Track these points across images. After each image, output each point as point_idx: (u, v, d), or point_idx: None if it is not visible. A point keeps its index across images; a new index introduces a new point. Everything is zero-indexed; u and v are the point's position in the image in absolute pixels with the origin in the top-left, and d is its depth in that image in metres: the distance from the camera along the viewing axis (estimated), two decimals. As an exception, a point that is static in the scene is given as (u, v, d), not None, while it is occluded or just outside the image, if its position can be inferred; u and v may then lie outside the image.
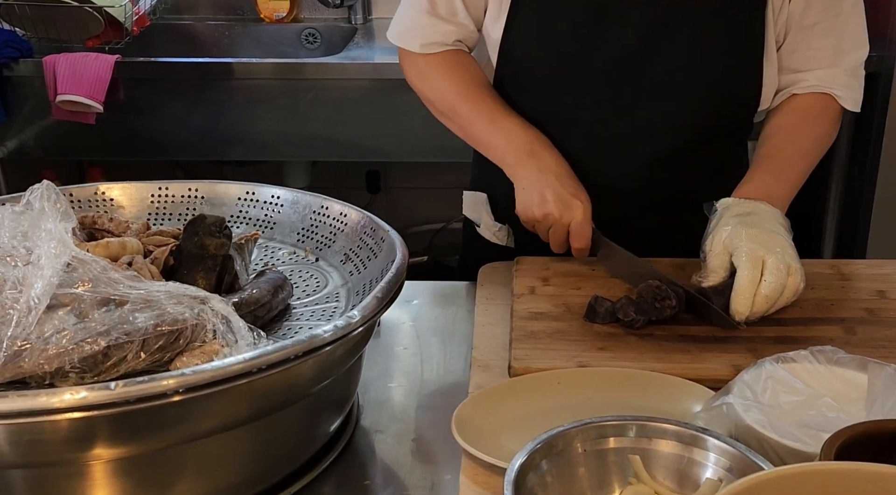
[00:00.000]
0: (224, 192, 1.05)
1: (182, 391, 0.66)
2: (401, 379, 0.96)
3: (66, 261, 0.71)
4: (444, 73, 1.13)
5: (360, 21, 2.57)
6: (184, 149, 2.38)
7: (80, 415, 0.66)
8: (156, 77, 2.29)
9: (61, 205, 0.75)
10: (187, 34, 2.64)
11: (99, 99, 2.17)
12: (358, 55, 2.35)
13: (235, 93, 2.32)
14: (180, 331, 0.74)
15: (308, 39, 2.61)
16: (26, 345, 0.69)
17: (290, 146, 2.38)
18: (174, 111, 2.31)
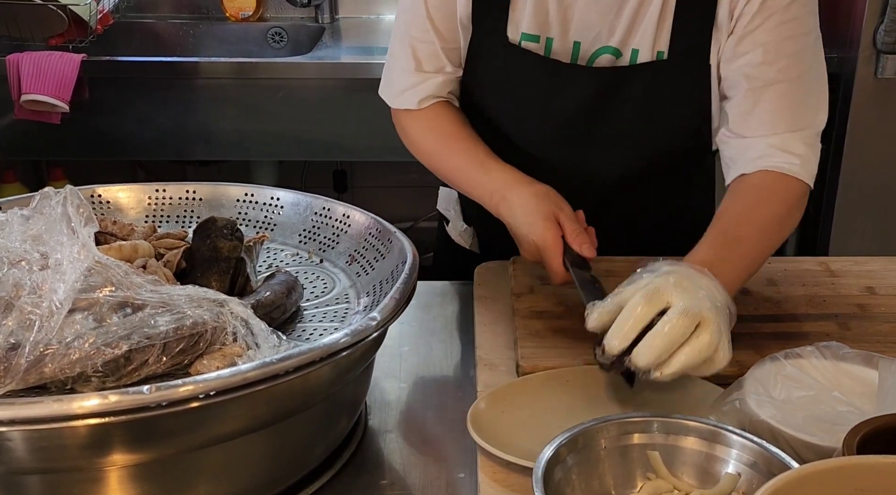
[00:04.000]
0: (223, 194, 1.04)
1: (202, 397, 0.66)
2: (404, 379, 0.97)
3: (89, 266, 0.71)
4: (428, 124, 1.13)
5: (328, 20, 2.56)
6: (148, 148, 2.35)
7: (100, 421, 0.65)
8: (120, 76, 2.26)
9: (84, 210, 0.74)
10: (151, 33, 2.60)
11: (65, 98, 2.13)
12: (325, 55, 2.35)
13: (200, 92, 2.30)
14: (200, 334, 0.74)
15: (274, 38, 2.60)
16: (49, 349, 0.69)
17: (257, 145, 2.37)
18: (138, 110, 2.28)
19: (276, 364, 0.68)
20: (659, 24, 1.02)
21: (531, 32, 1.06)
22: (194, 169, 2.61)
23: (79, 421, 0.64)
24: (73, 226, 0.73)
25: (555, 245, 0.95)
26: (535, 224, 0.97)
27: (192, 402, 0.66)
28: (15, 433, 0.65)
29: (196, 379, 0.66)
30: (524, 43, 1.06)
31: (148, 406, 0.64)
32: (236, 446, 0.74)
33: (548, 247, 0.95)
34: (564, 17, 1.04)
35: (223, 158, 2.44)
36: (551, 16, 1.05)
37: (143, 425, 0.67)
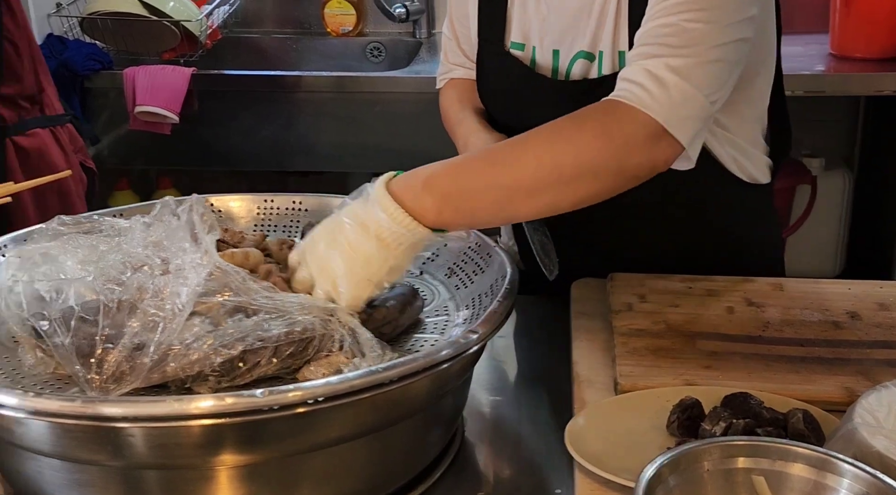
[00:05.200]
0: (327, 205, 1.07)
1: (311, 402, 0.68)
2: (499, 392, 0.98)
3: (210, 271, 0.74)
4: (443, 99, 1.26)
5: (425, 35, 2.61)
6: (251, 159, 2.44)
7: (214, 422, 0.68)
8: (227, 89, 2.35)
9: (208, 218, 0.78)
10: (256, 47, 2.70)
11: (175, 110, 2.24)
12: (421, 69, 2.39)
13: (302, 105, 2.38)
14: (309, 340, 0.77)
15: (373, 53, 2.66)
16: (171, 350, 0.73)
17: (354, 157, 2.43)
18: (243, 122, 2.37)
19: (381, 373, 0.70)
20: (616, 22, 1.00)
21: (518, 41, 1.10)
22: (294, 179, 2.69)
23: (195, 421, 0.68)
24: (197, 233, 0.77)
25: None
26: None
27: (301, 407, 0.68)
28: (136, 429, 0.68)
29: (306, 385, 0.69)
30: (513, 51, 1.11)
31: (260, 409, 0.67)
32: (339, 452, 0.76)
33: None
34: (542, 26, 1.07)
35: (322, 169, 2.51)
36: (533, 25, 1.08)
37: (254, 427, 0.70)
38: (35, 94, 1.50)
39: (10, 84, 1.44)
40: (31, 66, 1.49)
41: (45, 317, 0.76)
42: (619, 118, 0.87)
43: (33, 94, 1.49)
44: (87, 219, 0.92)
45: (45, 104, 1.53)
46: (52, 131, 1.53)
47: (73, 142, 1.58)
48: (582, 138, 0.86)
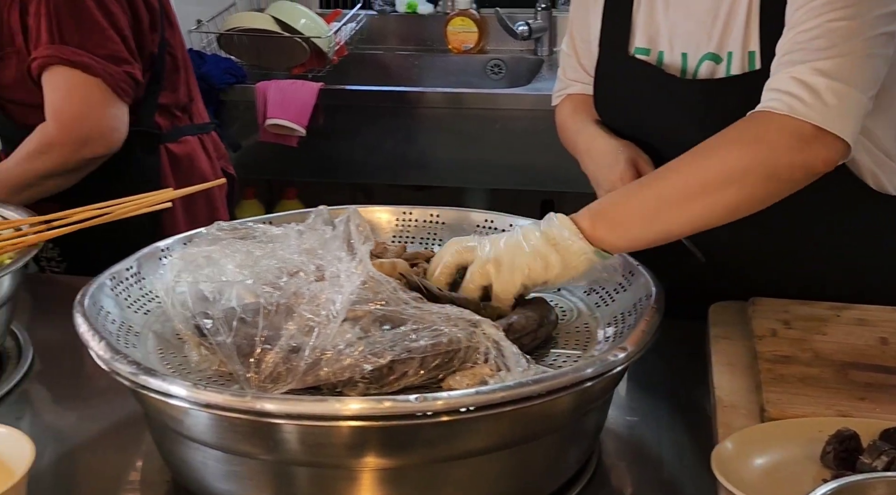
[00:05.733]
0: (464, 219, 1.09)
1: (464, 410, 0.69)
2: (636, 413, 0.97)
3: (364, 280, 0.77)
4: (560, 113, 1.28)
5: (546, 53, 2.61)
6: (371, 172, 2.49)
7: (363, 425, 0.70)
8: (351, 104, 2.42)
9: (363, 229, 0.81)
10: (380, 64, 2.77)
11: (303, 123, 2.31)
12: (542, 87, 2.39)
13: (422, 120, 2.42)
14: (455, 352, 0.78)
15: (493, 70, 2.68)
16: (325, 354, 0.75)
17: (471, 173, 2.45)
18: (365, 136, 2.43)
19: (529, 387, 0.71)
20: (747, 23, 0.99)
21: (643, 46, 1.10)
22: (410, 193, 2.74)
23: (350, 422, 0.70)
24: (353, 243, 0.79)
25: None
26: (616, 166, 1.05)
27: (452, 415, 0.70)
28: (291, 426, 0.71)
29: (457, 394, 0.70)
30: (638, 56, 1.11)
31: (414, 414, 0.68)
32: (480, 463, 0.77)
33: (626, 184, 1.00)
34: (671, 30, 1.07)
35: (438, 184, 2.55)
36: (660, 29, 1.08)
37: (401, 432, 0.72)
38: (187, 104, 1.59)
39: (167, 94, 1.53)
40: (185, 78, 1.57)
41: (209, 317, 0.80)
42: (766, 124, 0.88)
43: (185, 103, 1.58)
44: (242, 226, 0.96)
45: (194, 113, 1.61)
46: (200, 138, 1.61)
47: (216, 150, 1.66)
48: (727, 146, 0.88)
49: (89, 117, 1.37)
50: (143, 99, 1.50)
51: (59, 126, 1.37)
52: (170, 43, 1.53)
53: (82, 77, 1.35)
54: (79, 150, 1.38)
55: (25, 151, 1.40)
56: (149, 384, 0.70)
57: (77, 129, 1.37)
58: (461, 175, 2.47)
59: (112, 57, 1.38)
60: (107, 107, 1.38)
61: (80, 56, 1.35)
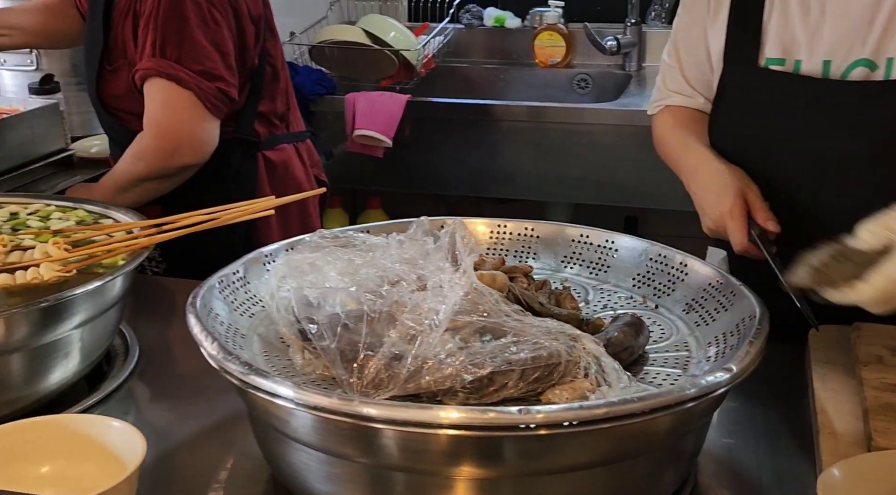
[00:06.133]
0: (558, 233, 1.09)
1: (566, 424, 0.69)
2: (733, 436, 0.95)
3: (467, 291, 0.78)
4: (661, 123, 1.27)
5: (635, 69, 2.59)
6: (453, 183, 2.51)
7: (463, 434, 0.71)
8: (437, 116, 2.44)
9: (468, 241, 0.82)
10: (465, 76, 2.79)
11: (390, 134, 2.35)
12: (629, 102, 2.37)
13: (506, 133, 2.43)
14: (555, 366, 0.78)
15: (580, 85, 2.67)
16: (427, 363, 0.76)
17: (553, 187, 2.45)
18: (449, 148, 2.45)
19: (632, 404, 0.70)
20: None
21: (776, 56, 1.09)
22: (491, 205, 2.75)
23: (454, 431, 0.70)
24: (458, 254, 0.80)
25: (741, 217, 1.03)
26: (725, 195, 1.05)
27: (554, 428, 0.69)
28: (390, 431, 0.72)
29: (558, 407, 0.70)
30: (770, 67, 1.09)
31: (516, 426, 0.68)
32: (575, 478, 0.77)
33: (735, 218, 1.03)
34: (812, 38, 1.05)
35: (520, 197, 2.55)
36: (798, 38, 1.06)
37: (497, 443, 0.72)
38: (284, 113, 1.63)
39: (266, 102, 1.58)
40: (284, 87, 1.62)
41: (314, 322, 0.82)
42: None
43: (283, 112, 1.62)
44: (343, 234, 0.99)
45: (291, 121, 1.66)
46: (296, 147, 1.65)
47: (310, 157, 1.70)
48: None
49: (180, 128, 1.42)
50: (242, 107, 1.54)
51: (153, 134, 1.43)
52: (270, 53, 1.57)
53: (176, 89, 1.40)
54: (170, 158, 1.43)
55: (127, 156, 1.46)
56: (258, 384, 0.73)
57: (168, 139, 1.43)
58: (543, 189, 2.46)
59: (206, 73, 1.43)
60: (197, 119, 1.42)
61: (176, 70, 1.40)
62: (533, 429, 0.69)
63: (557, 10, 2.61)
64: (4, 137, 1.67)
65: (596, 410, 0.69)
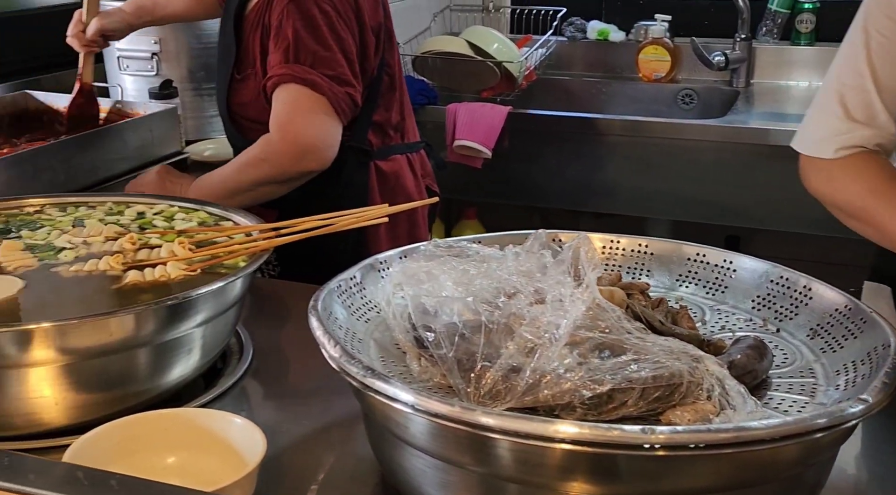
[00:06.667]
0: (673, 251, 1.07)
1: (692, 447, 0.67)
2: (861, 468, 0.91)
3: (588, 306, 0.77)
4: (853, 175, 1.09)
5: (742, 85, 2.54)
6: (550, 196, 2.50)
7: (577, 449, 0.70)
8: (536, 128, 2.44)
9: (592, 255, 0.81)
10: (566, 89, 2.78)
11: (489, 146, 2.36)
12: (735, 119, 2.32)
13: (607, 147, 2.40)
14: (676, 386, 0.76)
15: (684, 100, 2.63)
16: (545, 377, 0.76)
17: (652, 203, 2.41)
18: (548, 161, 2.44)
19: (760, 430, 0.68)
20: None
21: None
22: (587, 220, 2.73)
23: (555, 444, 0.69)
24: (581, 268, 0.80)
25: None
26: None
27: (676, 450, 0.68)
28: (508, 442, 0.72)
29: (687, 429, 0.68)
30: None
31: (639, 445, 0.67)
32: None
33: None
34: None
35: (618, 212, 2.52)
36: None
37: (618, 461, 0.71)
38: (399, 122, 1.65)
39: (381, 112, 1.60)
40: (399, 97, 1.64)
41: (431, 330, 0.83)
42: None
43: (398, 122, 1.64)
44: (456, 244, 0.99)
45: (406, 131, 1.67)
46: (408, 157, 1.67)
47: (423, 167, 1.71)
48: None
49: (312, 132, 1.44)
50: (358, 116, 1.57)
51: (283, 136, 1.45)
52: (388, 63, 1.60)
53: (309, 94, 1.43)
54: (297, 162, 1.45)
55: (246, 158, 1.49)
56: (379, 388, 0.73)
57: (298, 142, 1.44)
58: (642, 205, 2.43)
59: (337, 78, 1.45)
60: (327, 124, 1.45)
61: (310, 75, 1.43)
62: (655, 450, 0.67)
63: (664, 24, 2.57)
64: (126, 139, 1.75)
65: (724, 434, 0.67)
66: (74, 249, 1.08)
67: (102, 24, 1.76)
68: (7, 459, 0.68)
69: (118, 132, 1.72)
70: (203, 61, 2.07)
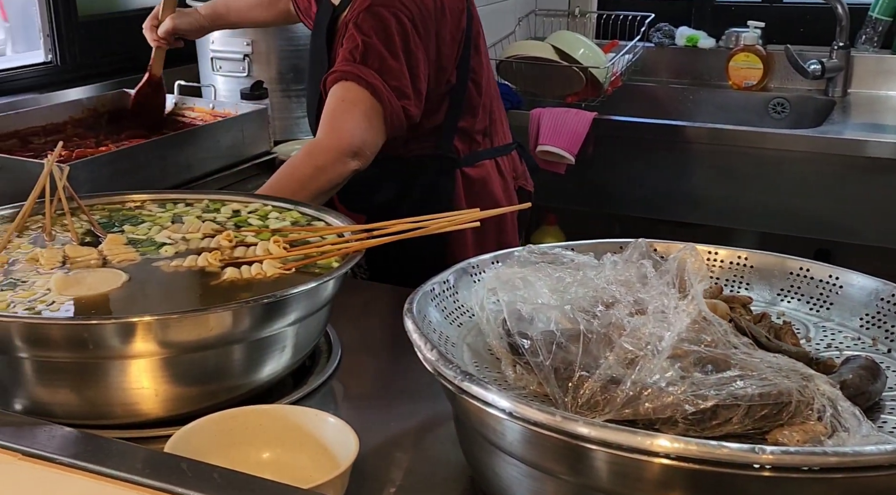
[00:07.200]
0: (775, 264, 1.03)
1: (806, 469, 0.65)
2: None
3: (694, 319, 0.75)
4: None
5: (839, 94, 2.45)
6: (632, 204, 2.46)
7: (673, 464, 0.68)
8: (621, 134, 2.41)
9: (700, 268, 0.79)
10: (651, 96, 2.74)
11: (573, 151, 2.33)
12: (830, 130, 2.24)
13: (693, 156, 2.35)
14: (785, 405, 0.74)
15: (776, 109, 2.55)
16: (646, 390, 0.74)
17: (739, 214, 2.35)
18: (631, 168, 2.40)
19: (880, 455, 0.65)
20: None
21: None
22: (668, 229, 2.67)
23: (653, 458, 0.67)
24: (687, 280, 0.77)
25: None
26: None
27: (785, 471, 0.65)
28: (604, 453, 0.70)
29: (803, 450, 0.65)
30: None
31: (749, 464, 0.65)
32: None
33: None
34: None
35: (703, 223, 2.47)
36: None
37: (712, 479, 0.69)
38: (486, 128, 1.63)
39: (467, 119, 1.59)
40: (488, 103, 1.63)
41: (527, 337, 0.81)
42: None
43: (485, 127, 1.63)
44: (550, 251, 0.98)
45: (495, 135, 1.65)
46: (497, 161, 1.65)
47: (513, 170, 1.69)
48: None
49: (359, 134, 1.39)
50: (441, 124, 1.55)
51: (329, 131, 1.40)
52: (474, 69, 1.58)
53: (368, 98, 1.40)
54: (342, 161, 1.39)
55: (294, 156, 1.44)
56: (477, 393, 0.73)
57: (346, 142, 1.39)
58: (729, 215, 2.37)
59: (399, 89, 1.43)
60: (373, 132, 1.41)
61: (374, 79, 1.41)
62: (765, 470, 0.65)
63: (756, 31, 2.51)
64: (218, 139, 1.79)
65: (839, 457, 0.64)
66: (174, 245, 1.10)
67: (175, 24, 1.81)
68: (115, 447, 0.70)
69: (211, 132, 1.77)
70: (292, 63, 2.11)
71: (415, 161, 1.57)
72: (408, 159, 1.57)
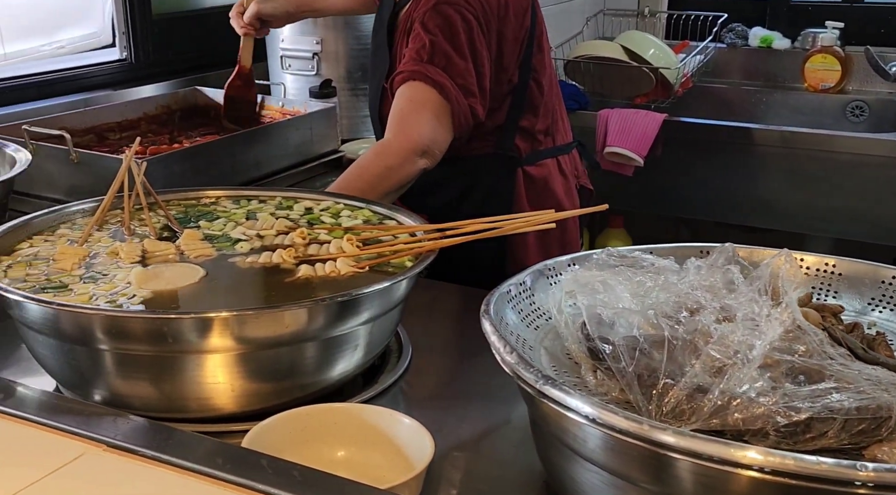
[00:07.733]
0: (865, 272, 0.99)
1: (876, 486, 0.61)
2: None
3: (788, 328, 0.72)
4: None
5: (922, 97, 2.36)
6: (700, 207, 2.41)
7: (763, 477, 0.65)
8: (691, 137, 2.36)
9: (796, 275, 0.76)
10: (722, 98, 2.68)
11: (642, 153, 2.29)
12: (909, 134, 2.16)
13: (766, 159, 2.29)
14: (884, 420, 0.70)
15: (853, 112, 2.47)
16: (735, 400, 0.71)
17: (814, 220, 2.28)
18: (700, 171, 2.35)
19: None
20: None
21: None
22: (738, 233, 2.60)
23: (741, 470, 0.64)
24: (782, 287, 0.74)
25: None
26: None
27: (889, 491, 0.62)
28: (689, 463, 0.68)
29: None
30: None
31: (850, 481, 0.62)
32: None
33: None
34: None
35: (775, 227, 2.40)
36: None
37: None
38: (548, 127, 1.61)
39: (529, 118, 1.57)
40: (550, 102, 1.60)
41: (609, 342, 0.79)
42: None
43: (547, 126, 1.60)
44: (629, 254, 0.95)
45: (557, 133, 1.63)
46: (558, 160, 1.63)
47: (575, 168, 1.67)
48: None
49: (428, 133, 1.39)
50: (503, 123, 1.54)
51: (398, 131, 1.40)
52: (536, 69, 1.56)
53: (436, 97, 1.40)
54: (411, 161, 1.39)
55: (363, 155, 1.44)
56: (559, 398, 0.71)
57: (415, 141, 1.39)
58: (802, 221, 2.30)
59: (465, 88, 1.42)
60: (445, 131, 1.41)
61: (441, 77, 1.40)
62: (862, 487, 0.62)
63: (835, 32, 2.43)
64: (287, 137, 1.80)
65: None
66: (249, 241, 1.11)
67: (260, 8, 1.78)
68: (197, 442, 0.70)
69: (281, 129, 1.78)
70: (360, 62, 2.11)
71: (476, 160, 1.56)
72: (469, 158, 1.56)
